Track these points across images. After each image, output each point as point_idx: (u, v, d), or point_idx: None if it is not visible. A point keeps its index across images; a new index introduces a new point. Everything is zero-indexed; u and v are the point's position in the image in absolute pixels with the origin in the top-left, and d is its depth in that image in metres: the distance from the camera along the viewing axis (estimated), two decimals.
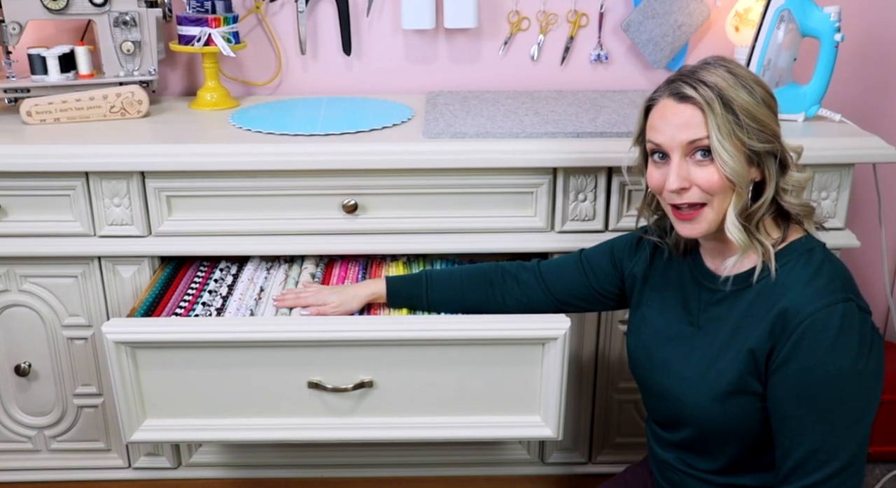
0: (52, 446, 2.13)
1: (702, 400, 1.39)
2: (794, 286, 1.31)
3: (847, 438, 1.27)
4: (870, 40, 2.32)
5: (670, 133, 1.32)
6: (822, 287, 1.29)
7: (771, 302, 1.32)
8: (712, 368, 1.38)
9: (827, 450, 1.27)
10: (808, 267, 1.33)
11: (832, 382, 1.26)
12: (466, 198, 1.87)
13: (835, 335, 1.25)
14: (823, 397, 1.27)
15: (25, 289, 1.96)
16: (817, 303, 1.27)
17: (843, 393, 1.26)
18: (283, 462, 2.17)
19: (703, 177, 1.31)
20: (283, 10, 2.28)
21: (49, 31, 2.24)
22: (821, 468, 1.27)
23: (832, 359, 1.25)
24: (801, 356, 1.27)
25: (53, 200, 1.87)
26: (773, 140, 1.31)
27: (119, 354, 1.60)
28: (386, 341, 1.62)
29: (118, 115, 2.05)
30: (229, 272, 1.92)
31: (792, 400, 1.29)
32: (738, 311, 1.37)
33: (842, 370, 1.26)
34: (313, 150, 1.83)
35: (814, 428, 1.28)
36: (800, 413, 1.29)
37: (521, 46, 2.32)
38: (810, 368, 1.26)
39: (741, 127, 1.28)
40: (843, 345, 1.26)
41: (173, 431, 1.70)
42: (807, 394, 1.27)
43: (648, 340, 1.52)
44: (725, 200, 1.32)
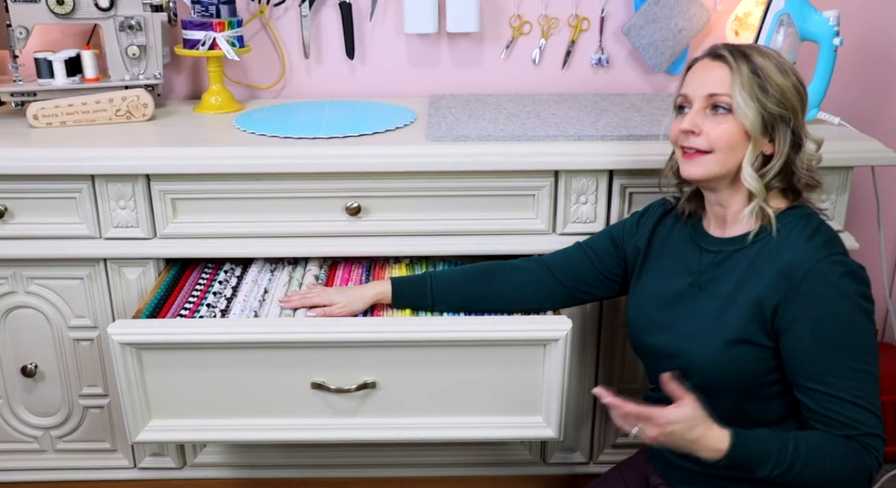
0: (58, 446, 2.14)
1: (709, 349, 1.46)
2: (796, 242, 1.42)
3: (868, 372, 1.37)
4: (868, 44, 2.33)
5: (697, 83, 1.46)
6: (821, 243, 1.41)
7: (774, 256, 1.42)
8: (720, 320, 1.46)
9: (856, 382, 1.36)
10: (807, 227, 1.44)
11: (845, 324, 1.36)
12: (468, 200, 1.88)
13: (839, 281, 1.36)
14: (841, 337, 1.36)
15: (32, 291, 1.97)
16: (818, 255, 1.38)
17: (856, 333, 1.37)
18: (286, 462, 2.17)
19: (716, 129, 1.43)
20: (286, 14, 2.29)
21: (55, 36, 2.25)
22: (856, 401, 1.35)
23: (840, 303, 1.36)
24: (813, 303, 1.37)
25: (60, 203, 1.88)
26: (790, 111, 1.42)
27: (124, 355, 1.61)
28: (389, 342, 1.62)
29: (124, 119, 2.06)
30: (233, 274, 1.93)
31: (813, 344, 1.37)
32: (741, 268, 1.47)
33: (850, 313, 1.36)
34: (317, 153, 1.84)
35: (839, 365, 1.36)
36: (823, 353, 1.37)
37: (522, 50, 2.34)
38: (824, 313, 1.36)
39: (763, 90, 1.40)
40: (849, 290, 1.37)
41: (178, 431, 1.71)
42: (825, 337, 1.36)
43: (650, 306, 1.60)
44: (731, 156, 1.44)
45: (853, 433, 1.36)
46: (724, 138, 1.43)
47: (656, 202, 1.71)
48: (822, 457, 1.35)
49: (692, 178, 1.49)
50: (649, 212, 1.70)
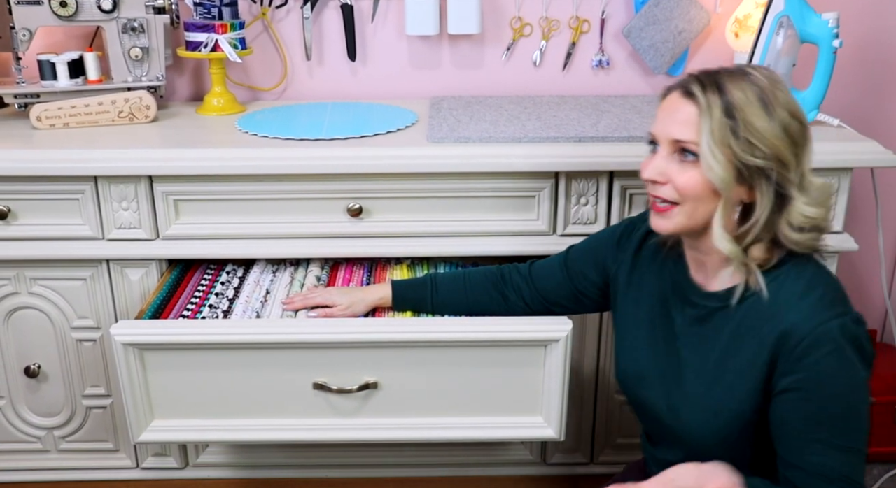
0: (61, 446, 2.14)
1: (701, 421, 1.36)
2: (789, 302, 1.26)
3: (852, 448, 1.26)
4: (868, 46, 2.33)
5: (664, 125, 1.29)
6: (817, 301, 1.25)
7: (765, 320, 1.28)
8: (710, 390, 1.34)
9: (836, 461, 1.25)
10: (800, 280, 1.28)
11: (839, 397, 1.24)
12: (469, 201, 1.89)
13: (838, 351, 1.22)
14: (830, 412, 1.24)
15: (35, 292, 1.98)
16: (817, 319, 1.23)
17: (848, 406, 1.24)
18: (288, 462, 2.18)
19: (682, 177, 1.26)
20: (288, 16, 2.30)
21: (58, 38, 2.26)
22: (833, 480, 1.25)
23: (837, 374, 1.23)
24: (807, 374, 1.24)
25: (63, 204, 1.88)
26: (771, 160, 1.23)
27: (127, 356, 1.61)
28: (390, 343, 1.63)
29: (126, 120, 2.07)
30: (236, 275, 1.94)
31: (800, 417, 1.26)
32: (728, 330, 1.33)
33: (847, 385, 1.24)
34: (318, 155, 1.84)
35: (822, 442, 1.25)
36: (807, 428, 1.25)
37: (523, 52, 2.34)
38: (817, 385, 1.23)
39: (736, 137, 1.21)
40: (846, 360, 1.23)
41: (180, 432, 1.71)
42: (814, 411, 1.24)
43: (639, 354, 1.48)
44: (701, 207, 1.27)
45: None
46: (692, 190, 1.26)
47: (637, 219, 1.56)
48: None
49: (661, 233, 1.35)
50: (632, 234, 1.55)
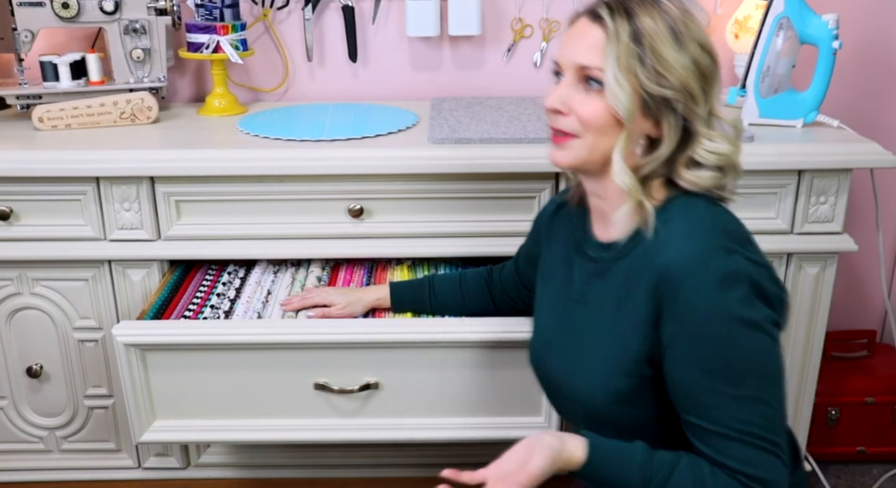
0: (63, 446, 2.15)
1: (593, 383, 1.26)
2: (669, 240, 1.17)
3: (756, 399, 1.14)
4: (867, 47, 2.34)
5: (569, 51, 1.21)
6: (698, 237, 1.16)
7: (649, 263, 1.18)
8: (602, 350, 1.25)
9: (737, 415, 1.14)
10: (685, 219, 1.19)
11: (725, 340, 1.13)
12: (470, 202, 1.89)
13: (715, 289, 1.12)
14: (720, 357, 1.13)
15: (37, 292, 1.98)
16: (692, 253, 1.14)
17: (741, 350, 1.13)
18: (290, 462, 2.18)
19: (585, 107, 1.19)
20: (290, 17, 2.30)
21: (60, 39, 2.26)
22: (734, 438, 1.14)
23: (717, 312, 1.12)
24: (688, 319, 1.14)
25: (65, 205, 1.89)
26: (677, 92, 1.16)
27: (129, 356, 1.62)
28: (391, 343, 1.63)
29: (128, 121, 2.07)
30: (237, 275, 1.94)
31: (689, 367, 1.15)
32: (618, 281, 1.24)
33: (733, 324, 1.12)
34: (320, 156, 1.85)
35: (717, 393, 1.14)
36: (700, 379, 1.15)
37: (524, 53, 2.34)
38: (700, 331, 1.13)
39: (643, 64, 1.14)
40: (728, 299, 1.12)
41: (182, 432, 1.71)
42: (702, 358, 1.14)
43: (543, 322, 1.41)
44: (603, 140, 1.19)
45: (740, 477, 1.14)
46: (595, 120, 1.18)
47: (563, 191, 1.50)
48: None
49: (560, 166, 1.26)
50: (546, 205, 1.50)
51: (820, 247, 1.92)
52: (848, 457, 2.38)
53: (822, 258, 1.94)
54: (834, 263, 1.95)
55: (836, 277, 1.96)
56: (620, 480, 1.18)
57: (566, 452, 1.18)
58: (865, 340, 2.42)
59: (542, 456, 1.17)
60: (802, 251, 1.93)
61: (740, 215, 1.25)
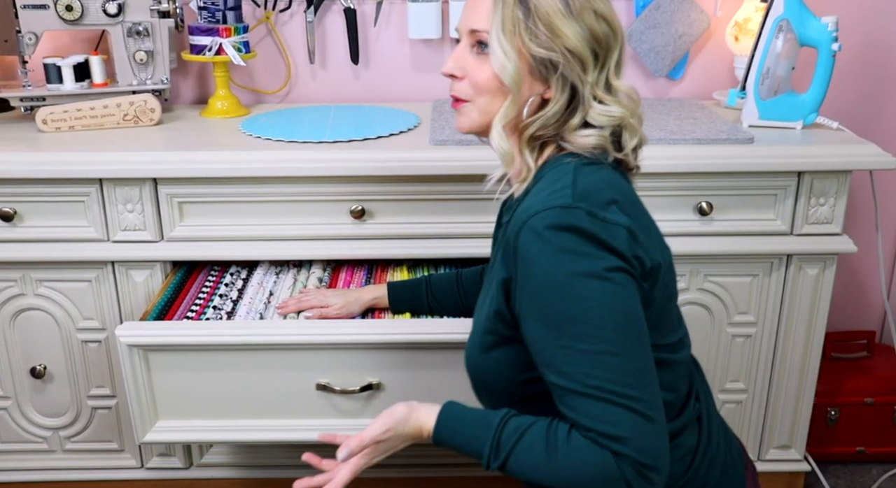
0: (66, 446, 2.15)
1: (469, 348, 1.28)
2: (529, 203, 1.15)
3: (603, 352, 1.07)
4: (867, 49, 2.34)
5: (465, 17, 1.23)
6: (546, 194, 1.13)
7: (510, 226, 1.16)
8: (475, 314, 1.27)
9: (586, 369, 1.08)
10: (548, 179, 1.18)
11: (564, 294, 1.08)
12: (471, 204, 1.89)
13: (546, 240, 1.09)
14: (562, 313, 1.08)
15: (41, 293, 1.99)
16: (531, 210, 1.11)
17: (575, 300, 1.08)
18: (292, 462, 2.17)
19: (476, 71, 1.20)
20: (292, 20, 2.31)
21: (64, 41, 2.27)
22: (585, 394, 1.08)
23: (553, 265, 1.08)
24: (529, 275, 1.10)
25: (68, 206, 1.89)
26: (565, 56, 1.15)
27: (132, 357, 1.62)
28: (393, 344, 1.64)
29: (131, 123, 2.08)
30: (239, 276, 1.95)
31: (536, 326, 1.11)
32: (497, 246, 1.25)
33: (569, 277, 1.08)
34: (322, 157, 1.85)
35: (565, 349, 1.09)
36: (547, 337, 1.10)
37: None
38: (539, 285, 1.09)
39: (528, 29, 1.14)
40: (556, 252, 1.08)
41: (185, 432, 1.72)
42: (547, 316, 1.10)
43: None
44: (494, 104, 1.20)
45: (592, 434, 1.08)
46: (485, 83, 1.19)
47: None
48: (548, 453, 1.10)
49: (462, 131, 1.27)
50: None
51: (819, 249, 1.93)
52: (847, 458, 2.39)
53: (822, 259, 1.95)
54: (833, 264, 1.95)
55: (835, 278, 1.97)
56: (473, 447, 1.16)
57: (414, 420, 1.21)
58: (865, 341, 2.42)
59: (378, 423, 1.22)
60: (802, 252, 1.93)
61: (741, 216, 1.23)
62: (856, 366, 2.40)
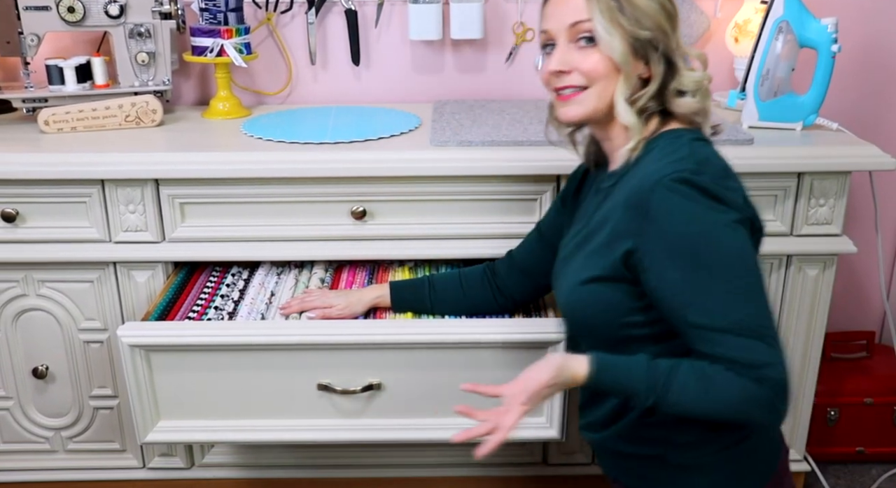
0: (68, 447, 2.16)
1: (568, 290, 1.38)
2: (649, 166, 1.28)
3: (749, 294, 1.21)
4: (866, 51, 2.35)
5: (556, 17, 1.33)
6: (672, 162, 1.26)
7: (626, 186, 1.30)
8: (582, 260, 1.36)
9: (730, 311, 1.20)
10: (666, 149, 1.30)
11: (705, 242, 1.21)
12: (472, 204, 1.90)
13: (684, 196, 1.21)
14: (704, 259, 1.20)
15: (43, 294, 2.00)
16: (663, 172, 1.23)
17: (722, 249, 1.21)
18: (293, 462, 2.19)
19: (586, 61, 1.31)
20: (293, 21, 2.32)
21: (66, 43, 2.27)
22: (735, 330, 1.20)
23: (693, 217, 1.21)
24: (664, 229, 1.22)
25: (70, 207, 1.90)
26: (655, 31, 1.29)
27: (134, 357, 1.63)
28: (394, 344, 1.64)
29: (133, 124, 2.08)
30: (241, 277, 1.95)
31: (677, 275, 1.22)
32: (610, 204, 1.34)
33: (708, 226, 1.21)
34: (323, 158, 1.86)
35: (709, 292, 1.21)
36: (692, 283, 1.21)
37: (525, 56, 2.36)
38: (678, 237, 1.21)
39: (623, 13, 1.28)
40: (697, 201, 1.21)
41: (187, 432, 1.72)
42: (687, 264, 1.21)
43: (559, 258, 1.49)
44: (608, 87, 1.31)
45: (737, 367, 1.19)
46: (598, 69, 1.30)
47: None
48: (702, 387, 1.21)
49: (573, 121, 1.37)
50: (576, 170, 1.60)
51: (819, 249, 1.93)
52: (847, 458, 2.40)
53: (822, 260, 1.95)
54: (833, 265, 1.96)
55: (835, 279, 1.97)
56: (628, 385, 1.25)
57: (569, 368, 1.27)
58: (864, 341, 2.43)
59: (542, 372, 1.26)
60: (802, 253, 1.94)
61: None
62: (855, 366, 2.40)
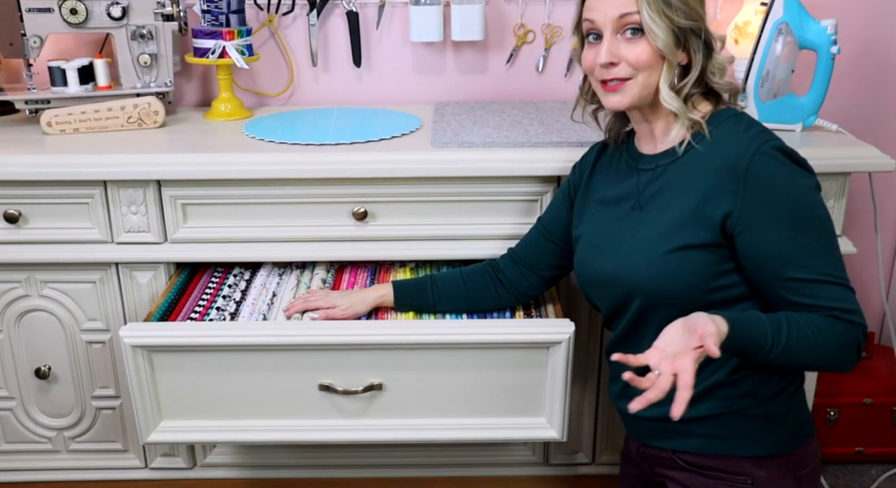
0: (71, 447, 2.16)
1: (650, 261, 1.42)
2: (732, 137, 1.39)
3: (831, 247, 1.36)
4: (866, 52, 2.35)
5: (603, 9, 1.39)
6: (758, 132, 1.39)
7: (712, 156, 1.39)
8: (661, 232, 1.41)
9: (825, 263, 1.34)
10: (740, 124, 1.42)
11: (802, 202, 1.34)
12: (473, 205, 1.90)
13: (783, 163, 1.34)
14: (801, 217, 1.34)
15: (45, 295, 2.00)
16: (757, 141, 1.35)
17: (814, 209, 1.35)
18: (295, 462, 2.19)
19: (633, 52, 1.39)
20: (295, 23, 2.32)
21: (69, 45, 2.28)
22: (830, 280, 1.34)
23: (791, 181, 1.34)
24: (765, 191, 1.33)
25: (72, 208, 1.90)
26: (697, 20, 1.38)
27: (136, 358, 1.64)
28: (395, 345, 1.65)
29: (135, 126, 2.09)
30: (242, 278, 1.96)
31: (777, 233, 1.33)
32: (679, 177, 1.43)
33: (803, 189, 1.35)
34: (324, 159, 1.86)
35: (807, 247, 1.34)
36: (791, 239, 1.33)
37: (526, 58, 2.36)
38: (779, 198, 1.33)
39: (669, 5, 1.36)
40: (794, 168, 1.35)
41: (188, 432, 1.73)
42: (787, 222, 1.33)
43: (593, 237, 1.55)
44: (652, 76, 1.40)
45: (836, 312, 1.33)
46: (644, 60, 1.39)
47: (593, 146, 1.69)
48: (813, 334, 1.31)
49: (619, 109, 1.45)
50: (586, 155, 1.68)
51: None
52: (846, 458, 2.40)
53: None
54: None
55: None
56: (755, 339, 1.30)
57: (714, 321, 1.25)
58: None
59: (708, 320, 1.24)
60: None
61: None
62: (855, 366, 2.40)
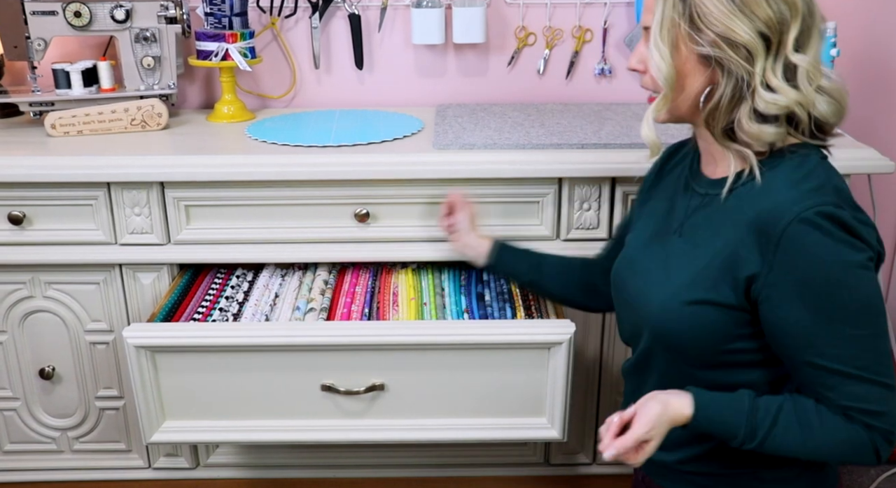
0: (74, 447, 2.17)
1: (665, 303, 1.28)
2: (779, 188, 1.18)
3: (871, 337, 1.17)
4: (865, 55, 2.35)
5: (644, 13, 1.26)
6: (809, 190, 1.16)
7: (751, 202, 1.20)
8: (686, 273, 1.27)
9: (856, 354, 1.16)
10: (798, 170, 1.19)
11: (839, 284, 1.14)
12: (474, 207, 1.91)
13: (824, 236, 1.13)
14: (834, 301, 1.15)
15: (49, 296, 2.01)
16: (801, 205, 1.14)
17: (854, 292, 1.15)
18: (297, 462, 2.20)
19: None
20: (297, 25, 2.33)
21: (73, 47, 2.29)
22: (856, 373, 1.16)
23: (830, 259, 1.13)
24: (796, 265, 1.15)
25: (76, 210, 1.91)
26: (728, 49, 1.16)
27: (139, 358, 1.64)
28: (397, 345, 1.65)
29: (139, 128, 2.10)
30: (245, 279, 1.96)
31: (800, 313, 1.16)
32: (721, 215, 1.25)
33: (844, 268, 1.14)
34: (326, 161, 1.87)
35: (835, 335, 1.16)
36: (816, 322, 1.16)
37: (527, 61, 2.37)
38: (810, 276, 1.14)
39: (690, 26, 1.17)
40: (836, 243, 1.13)
41: (192, 432, 1.74)
42: (814, 303, 1.15)
43: (635, 246, 1.43)
44: (681, 95, 1.24)
45: (852, 412, 1.17)
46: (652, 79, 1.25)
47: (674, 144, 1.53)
48: (803, 434, 1.18)
49: (656, 122, 1.30)
50: (658, 158, 1.49)
51: None
52: None
53: None
54: None
55: None
56: (728, 431, 1.21)
57: (670, 414, 1.20)
58: None
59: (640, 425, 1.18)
60: None
61: None
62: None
